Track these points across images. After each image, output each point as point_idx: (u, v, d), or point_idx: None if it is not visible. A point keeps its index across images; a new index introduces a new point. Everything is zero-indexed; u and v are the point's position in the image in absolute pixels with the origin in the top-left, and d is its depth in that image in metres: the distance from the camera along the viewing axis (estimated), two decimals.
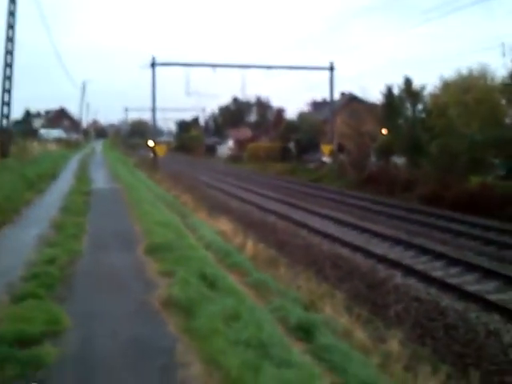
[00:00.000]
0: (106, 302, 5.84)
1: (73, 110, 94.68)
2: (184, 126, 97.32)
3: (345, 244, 13.28)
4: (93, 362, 4.31)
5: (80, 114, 77.26)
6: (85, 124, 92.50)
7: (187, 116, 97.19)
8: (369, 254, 12.23)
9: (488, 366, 7.01)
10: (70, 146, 55.14)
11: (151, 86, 33.16)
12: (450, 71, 35.51)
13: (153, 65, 32.85)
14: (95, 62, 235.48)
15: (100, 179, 21.51)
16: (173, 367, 4.19)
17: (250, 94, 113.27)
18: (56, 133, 65.46)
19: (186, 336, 4.82)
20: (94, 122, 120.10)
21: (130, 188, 17.88)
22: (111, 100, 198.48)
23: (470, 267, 10.92)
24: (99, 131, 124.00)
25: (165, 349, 4.54)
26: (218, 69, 33.10)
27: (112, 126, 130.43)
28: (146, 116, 78.47)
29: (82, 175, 22.55)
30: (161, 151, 34.78)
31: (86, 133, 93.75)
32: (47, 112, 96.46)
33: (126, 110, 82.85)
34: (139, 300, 5.86)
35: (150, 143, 36.06)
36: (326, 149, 33.36)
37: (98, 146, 72.74)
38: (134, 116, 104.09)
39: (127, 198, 15.30)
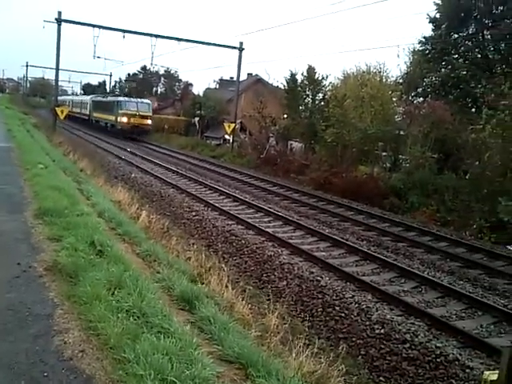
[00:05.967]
0: None
1: None
2: (90, 90, 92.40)
3: (238, 221, 13.58)
4: None
5: None
6: None
7: (93, 81, 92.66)
8: (260, 231, 12.62)
9: (356, 340, 7.66)
10: None
11: (56, 43, 30.79)
12: (351, 65, 36.93)
13: (59, 21, 30.29)
14: None
15: None
16: (48, 334, 4.15)
17: (158, 64, 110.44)
18: None
19: (66, 303, 4.77)
20: None
21: (25, 149, 17.09)
22: (10, 54, 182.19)
23: (351, 250, 11.71)
24: None
25: (42, 316, 4.48)
26: (128, 35, 31.99)
27: (11, 80, 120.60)
28: (49, 76, 73.16)
29: None
30: (62, 114, 32.74)
31: None
32: None
33: (27, 65, 77.07)
34: (22, 265, 5.69)
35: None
36: (228, 127, 33.59)
37: None
38: (36, 74, 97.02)
39: (21, 159, 14.60)
